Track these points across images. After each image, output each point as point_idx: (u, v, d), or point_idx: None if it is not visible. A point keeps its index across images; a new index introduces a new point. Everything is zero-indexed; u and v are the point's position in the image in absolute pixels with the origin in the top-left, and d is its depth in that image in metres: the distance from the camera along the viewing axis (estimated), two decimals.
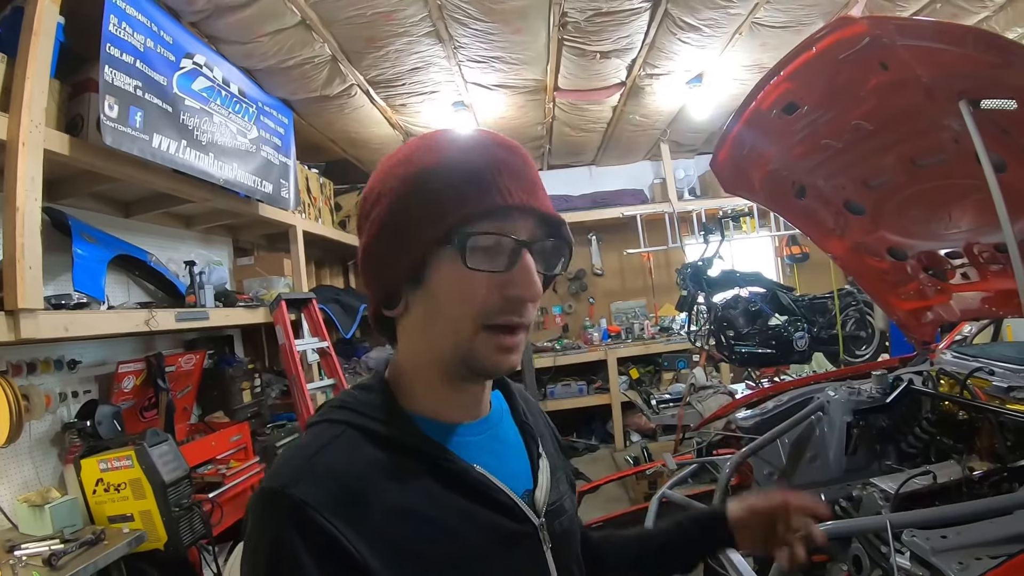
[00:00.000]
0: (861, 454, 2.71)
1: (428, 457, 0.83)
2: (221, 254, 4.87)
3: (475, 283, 0.80)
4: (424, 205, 0.81)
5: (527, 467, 0.96)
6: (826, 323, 5.20)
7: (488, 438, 0.93)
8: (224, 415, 4.23)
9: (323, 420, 0.86)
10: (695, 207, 7.29)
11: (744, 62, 4.79)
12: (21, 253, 2.37)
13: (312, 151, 5.81)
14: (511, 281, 0.81)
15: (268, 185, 4.12)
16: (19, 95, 2.43)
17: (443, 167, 0.82)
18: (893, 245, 2.71)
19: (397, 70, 4.40)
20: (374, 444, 0.82)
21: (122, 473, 2.84)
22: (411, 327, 0.87)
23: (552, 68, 4.64)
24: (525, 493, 0.91)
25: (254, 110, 4.00)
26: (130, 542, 2.68)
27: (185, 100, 3.25)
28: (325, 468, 0.77)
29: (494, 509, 0.85)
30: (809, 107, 2.10)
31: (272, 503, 0.75)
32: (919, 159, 2.13)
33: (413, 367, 0.89)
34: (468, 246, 0.79)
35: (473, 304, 0.80)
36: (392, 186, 0.84)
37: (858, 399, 2.74)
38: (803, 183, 2.67)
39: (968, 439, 2.42)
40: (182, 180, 3.40)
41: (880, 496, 2.14)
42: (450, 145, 0.85)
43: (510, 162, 0.83)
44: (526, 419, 1.02)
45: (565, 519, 0.97)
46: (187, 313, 3.54)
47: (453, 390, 0.89)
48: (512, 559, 0.85)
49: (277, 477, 0.77)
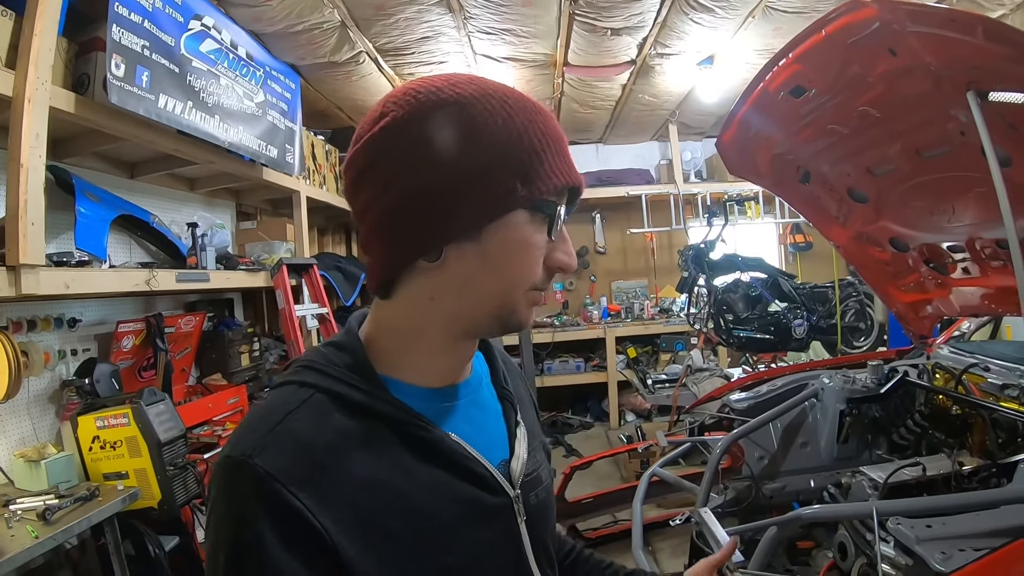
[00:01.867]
0: (852, 443, 2.74)
1: (401, 424, 0.78)
2: (224, 217, 4.87)
3: (539, 250, 0.80)
4: (517, 161, 0.76)
5: (504, 435, 0.92)
6: (826, 312, 5.20)
7: (466, 403, 0.89)
8: (222, 378, 4.26)
9: (290, 382, 0.80)
10: (700, 190, 7.26)
11: (756, 46, 4.73)
12: (24, 209, 2.37)
13: (318, 118, 5.78)
14: (558, 250, 0.82)
15: (273, 149, 4.11)
16: (26, 52, 2.41)
17: (524, 128, 0.77)
18: (895, 236, 2.70)
19: (406, 39, 4.36)
20: (344, 410, 0.77)
21: (118, 431, 2.87)
22: (441, 283, 0.80)
23: (562, 43, 4.59)
24: (501, 463, 0.88)
25: (261, 74, 3.97)
26: (124, 499, 2.70)
27: (192, 62, 3.23)
28: (291, 436, 0.73)
29: (468, 480, 0.81)
30: (817, 91, 2.09)
31: (235, 474, 0.71)
32: (924, 149, 2.12)
33: (413, 324, 0.83)
34: (557, 215, 0.80)
35: (531, 270, 0.80)
36: (471, 122, 0.76)
37: (852, 388, 2.76)
38: (808, 168, 2.66)
39: (960, 434, 2.44)
40: (187, 141, 3.39)
41: (869, 484, 2.16)
42: (525, 104, 0.80)
43: (563, 133, 0.83)
44: (506, 384, 0.98)
45: (541, 490, 0.93)
46: (187, 274, 3.56)
47: (450, 350, 0.85)
48: (485, 533, 0.82)
49: (240, 444, 0.72)
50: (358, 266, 6.48)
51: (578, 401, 7.49)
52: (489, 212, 0.76)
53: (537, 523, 0.90)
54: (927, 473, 2.12)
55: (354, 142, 0.82)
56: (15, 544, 2.23)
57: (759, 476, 2.76)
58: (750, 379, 3.44)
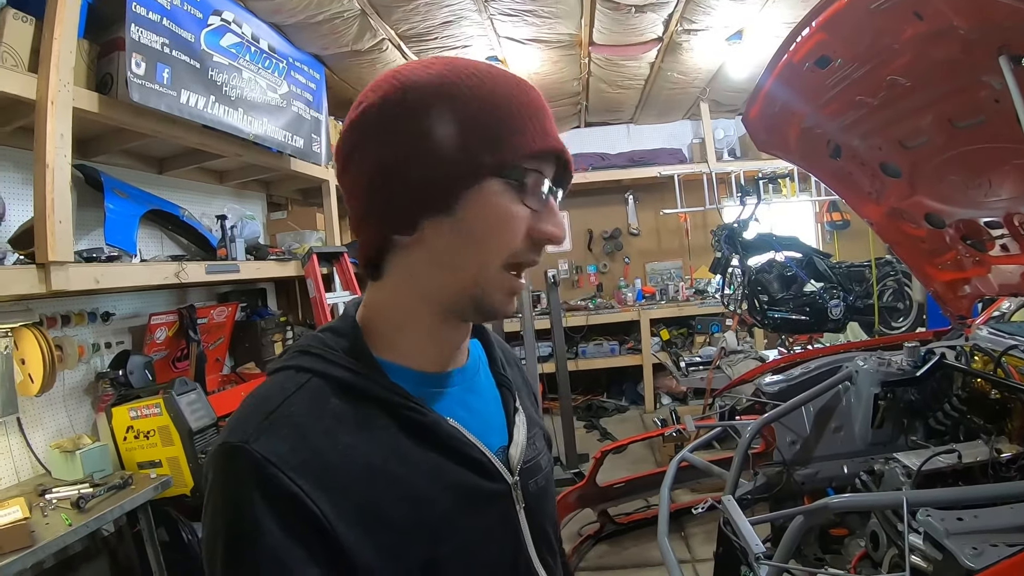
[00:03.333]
0: (887, 428, 2.65)
1: (398, 408, 0.78)
2: (254, 208, 4.93)
3: (517, 219, 0.78)
4: (484, 128, 0.76)
5: (503, 422, 0.92)
6: (863, 292, 5.04)
7: (463, 389, 0.89)
8: (256, 366, 4.32)
9: (288, 367, 0.80)
10: (734, 168, 7.11)
11: (786, 18, 4.59)
12: (51, 208, 2.44)
13: (345, 107, 5.67)
14: (542, 220, 0.79)
15: (299, 140, 4.14)
16: (47, 56, 2.48)
17: (497, 98, 0.77)
18: (930, 211, 2.60)
19: (428, 24, 4.33)
20: (340, 394, 0.77)
21: (151, 420, 2.94)
22: (420, 259, 0.80)
23: (586, 22, 4.51)
24: (499, 450, 0.87)
25: (284, 65, 3.99)
26: (156, 487, 2.78)
27: (213, 56, 3.26)
28: (289, 421, 0.73)
29: (466, 466, 0.81)
30: (842, 60, 2.00)
31: (231, 459, 0.70)
32: (957, 119, 2.02)
33: (398, 303, 0.83)
34: (527, 182, 0.78)
35: (509, 240, 0.78)
36: (438, 96, 0.77)
37: (888, 370, 2.66)
38: (838, 142, 2.57)
39: (999, 419, 2.34)
40: (212, 135, 3.43)
41: (902, 472, 2.09)
42: (495, 75, 0.80)
43: (546, 106, 0.82)
44: (504, 370, 0.98)
45: (540, 478, 0.93)
46: (217, 266, 3.61)
47: (438, 333, 0.84)
48: (483, 519, 0.81)
49: (237, 431, 0.72)
50: None
51: (613, 384, 7.46)
52: (457, 182, 0.76)
53: (536, 510, 0.89)
54: (963, 460, 2.04)
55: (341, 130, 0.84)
56: (49, 532, 2.31)
57: (791, 461, 2.69)
58: (783, 361, 3.36)
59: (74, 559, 2.77)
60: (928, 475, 1.99)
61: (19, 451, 2.85)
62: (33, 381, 2.75)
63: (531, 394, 1.08)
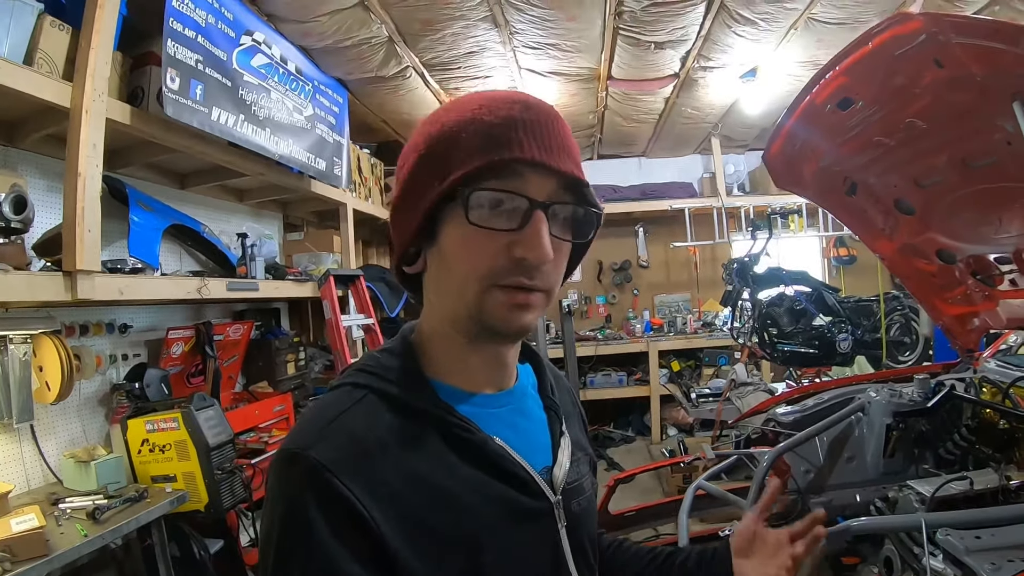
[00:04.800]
0: (899, 457, 2.68)
1: (446, 426, 0.82)
2: (271, 228, 4.99)
3: (481, 241, 0.78)
4: (436, 161, 0.80)
5: (548, 443, 0.95)
6: (870, 326, 5.09)
7: (510, 411, 0.92)
8: (268, 385, 4.34)
9: (345, 383, 0.85)
10: (744, 203, 7.21)
11: (799, 58, 4.71)
12: (81, 217, 2.44)
13: (364, 131, 5.89)
14: (518, 242, 0.77)
15: (321, 162, 4.21)
16: (83, 65, 2.49)
17: (459, 124, 0.80)
18: (942, 247, 2.66)
19: (452, 53, 4.44)
20: (394, 410, 0.82)
21: (168, 435, 2.92)
22: (429, 284, 0.88)
23: (606, 57, 4.63)
24: (544, 470, 0.90)
25: (310, 88, 4.07)
26: (172, 501, 2.74)
27: (244, 76, 3.33)
28: (345, 432, 0.78)
29: (510, 484, 0.84)
30: (864, 103, 2.07)
31: (290, 464, 0.76)
32: (971, 160, 2.09)
33: (434, 327, 0.89)
34: (471, 202, 0.77)
35: (479, 263, 0.78)
36: (416, 144, 0.84)
37: (900, 401, 2.70)
38: (854, 180, 2.63)
39: (1007, 448, 2.38)
40: (238, 154, 3.48)
41: (916, 498, 2.11)
42: (471, 103, 0.82)
43: (529, 119, 0.79)
44: (552, 395, 1.01)
45: (583, 499, 0.96)
46: (238, 283, 3.64)
47: (473, 352, 0.87)
48: (525, 535, 0.84)
49: (297, 439, 0.78)
50: None
51: (620, 415, 7.46)
52: (417, 214, 0.81)
53: (577, 529, 0.91)
54: (974, 487, 2.07)
55: None
56: (65, 541, 2.26)
57: (805, 490, 2.71)
58: (796, 392, 3.39)
59: (82, 570, 2.73)
60: (941, 501, 2.02)
61: (31, 459, 2.84)
62: (50, 389, 2.74)
63: (581, 420, 1.11)
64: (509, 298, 0.79)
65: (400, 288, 6.10)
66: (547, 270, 0.80)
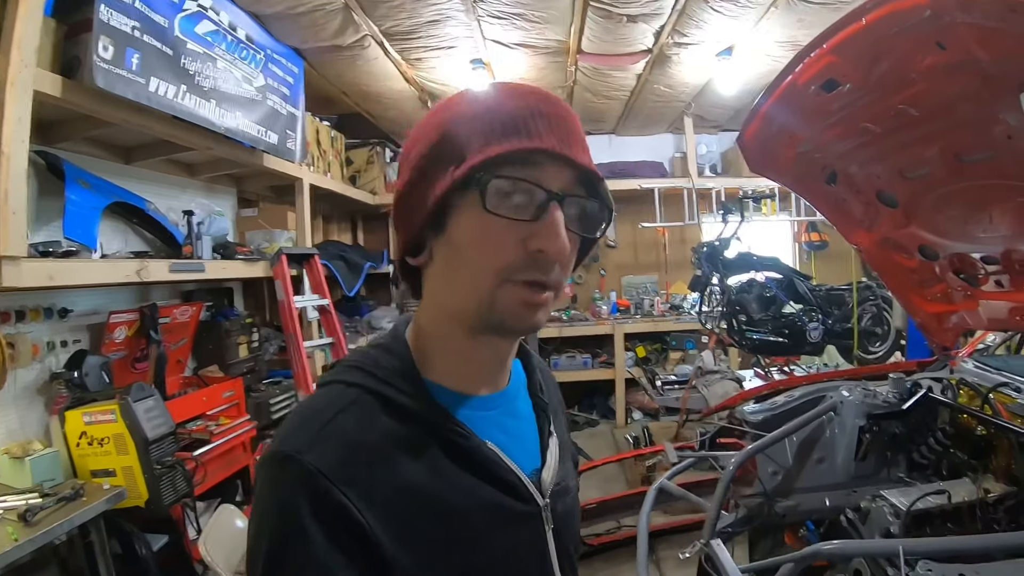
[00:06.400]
0: (871, 460, 2.59)
1: (442, 430, 0.81)
2: (224, 204, 4.76)
3: (497, 231, 0.76)
4: (451, 147, 0.78)
5: (536, 445, 0.95)
6: (841, 316, 5.02)
7: (502, 412, 0.91)
8: (219, 369, 4.16)
9: (337, 381, 0.84)
10: (715, 185, 7.08)
11: (778, 37, 4.56)
12: (5, 198, 2.27)
13: (324, 103, 5.64)
14: (535, 233, 0.76)
15: (273, 135, 3.99)
16: (9, 33, 2.31)
17: (474, 111, 0.79)
18: (925, 243, 2.54)
19: (413, 22, 4.20)
20: (389, 412, 0.80)
21: (106, 427, 2.80)
22: (434, 277, 0.85)
23: (576, 29, 4.42)
24: (533, 472, 0.90)
25: (262, 57, 3.84)
26: (109, 499, 2.64)
27: (187, 44, 3.10)
28: (339, 435, 0.76)
29: (500, 488, 0.84)
30: (852, 85, 1.91)
31: (283, 468, 0.74)
32: (965, 153, 1.95)
33: (434, 324, 0.87)
34: (489, 188, 0.74)
35: (495, 254, 0.77)
36: (425, 132, 0.82)
37: (873, 402, 2.61)
38: (835, 168, 2.49)
39: (983, 456, 2.30)
40: (182, 127, 3.27)
41: (890, 511, 2.04)
42: (487, 93, 0.81)
43: (546, 109, 0.78)
44: (541, 394, 1.00)
45: (568, 499, 0.96)
46: (182, 264, 3.46)
47: (475, 350, 0.86)
48: (514, 538, 0.85)
49: (290, 441, 0.76)
50: (363, 255, 6.36)
51: (584, 398, 7.37)
52: (439, 199, 0.77)
53: (563, 531, 0.92)
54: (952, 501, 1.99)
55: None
56: None
57: (772, 493, 2.61)
58: (766, 389, 3.30)
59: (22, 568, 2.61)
60: (916, 515, 1.94)
61: None
62: None
63: (565, 415, 1.11)
64: (523, 296, 0.78)
65: (360, 266, 5.97)
66: (560, 266, 0.79)
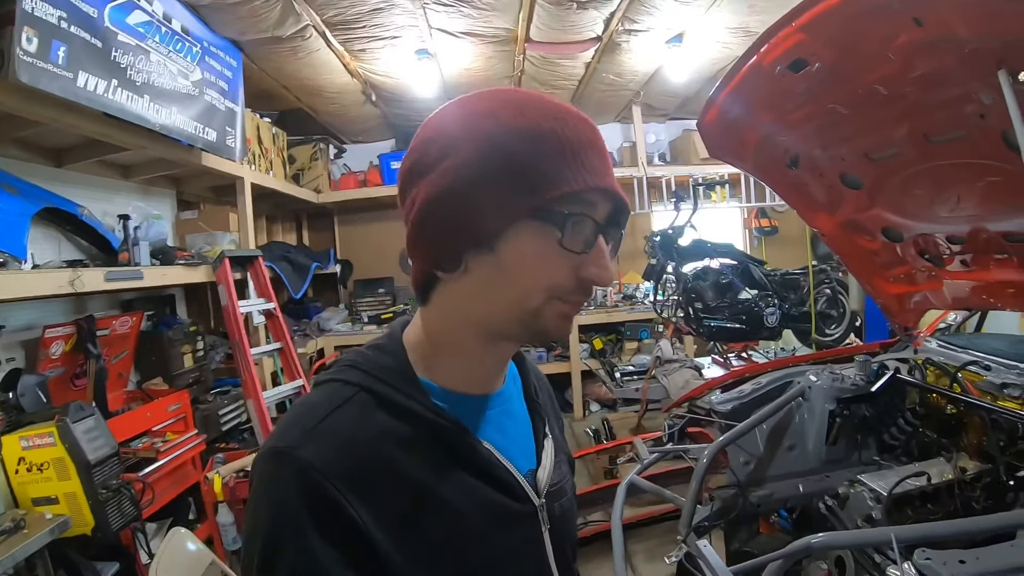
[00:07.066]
0: (841, 444, 2.58)
1: (438, 429, 0.82)
2: (162, 207, 4.55)
3: (557, 261, 0.77)
4: (517, 171, 0.76)
5: (532, 446, 0.96)
6: (797, 300, 5.08)
7: (498, 413, 0.92)
8: (163, 381, 3.97)
9: (333, 379, 0.85)
10: (664, 173, 7.08)
11: (730, 24, 4.53)
12: None
13: (264, 99, 5.42)
14: (587, 263, 0.78)
15: (212, 132, 3.79)
16: None
17: (540, 131, 0.77)
18: (889, 225, 2.52)
19: (356, 10, 4.03)
20: (385, 410, 0.81)
21: (44, 452, 2.62)
22: (466, 288, 0.82)
23: (525, 17, 4.31)
24: (528, 472, 0.91)
25: (198, 50, 3.64)
26: (53, 529, 2.48)
27: (118, 35, 2.91)
28: (335, 432, 0.77)
29: (496, 488, 0.85)
30: (821, 65, 1.85)
31: (277, 464, 0.75)
32: (935, 134, 1.92)
33: (449, 328, 0.86)
34: (567, 225, 0.76)
35: (550, 280, 0.78)
36: (475, 139, 0.78)
37: (841, 386, 2.60)
38: (797, 152, 2.45)
39: (954, 435, 2.31)
40: (114, 125, 3.08)
41: (870, 496, 2.03)
42: (542, 109, 0.79)
43: (595, 141, 0.80)
44: (536, 396, 1.01)
45: (565, 501, 0.97)
46: (119, 272, 3.25)
47: (482, 356, 0.87)
48: (510, 538, 0.85)
49: (285, 437, 0.77)
50: (309, 256, 6.19)
51: None
52: (494, 222, 0.76)
53: (559, 531, 0.93)
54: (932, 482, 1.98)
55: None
56: None
57: (745, 483, 2.58)
58: (731, 377, 3.27)
59: None
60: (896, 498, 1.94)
61: None
62: None
63: (559, 419, 1.10)
64: (564, 310, 0.81)
65: (306, 267, 5.79)
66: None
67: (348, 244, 7.57)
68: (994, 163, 1.85)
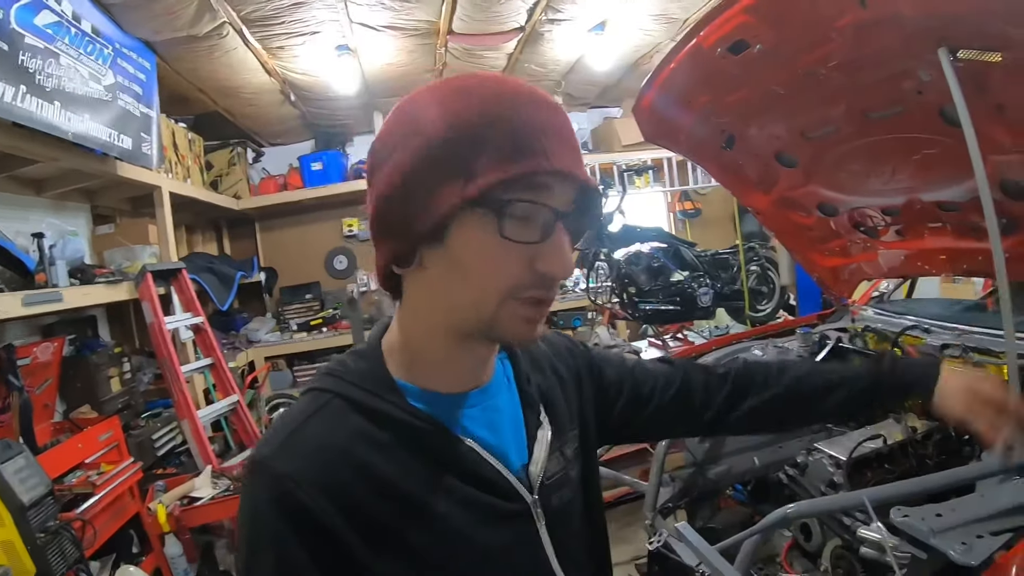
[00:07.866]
0: None
1: (415, 431, 0.80)
2: (77, 223, 4.31)
3: (506, 254, 0.74)
4: (458, 157, 0.73)
5: (524, 439, 0.91)
6: (728, 279, 5.23)
7: (484, 409, 0.88)
8: (91, 409, 3.74)
9: (313, 388, 0.84)
10: (588, 161, 7.10)
11: (652, 11, 4.59)
12: None
13: (179, 103, 5.18)
14: (542, 255, 0.75)
15: (127, 139, 3.61)
16: None
17: (482, 117, 0.73)
18: (824, 200, 2.60)
19: (275, 5, 3.89)
20: (359, 414, 0.80)
21: None
22: (426, 284, 0.81)
23: (447, 9, 4.25)
24: (521, 467, 0.88)
25: (110, 52, 3.45)
26: None
27: (25, 37, 2.73)
28: (308, 440, 0.77)
29: (482, 487, 0.83)
30: (762, 46, 1.89)
31: (252, 474, 0.76)
32: (873, 110, 1.98)
33: (418, 329, 0.85)
34: (506, 214, 0.73)
35: (502, 276, 0.75)
36: (420, 130, 0.75)
37: (787, 358, 2.67)
38: (733, 133, 2.50)
39: None
40: (21, 135, 2.89)
41: (830, 463, 2.07)
42: (490, 94, 0.76)
43: (554, 122, 0.76)
44: (528, 384, 0.96)
45: (566, 491, 0.93)
46: (37, 295, 3.06)
47: (456, 355, 0.85)
48: (499, 538, 0.83)
49: (262, 447, 0.79)
50: (233, 265, 5.99)
51: None
52: (439, 213, 0.74)
53: (560, 527, 0.89)
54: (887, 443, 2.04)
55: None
56: None
57: (703, 461, 2.63)
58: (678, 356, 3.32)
59: None
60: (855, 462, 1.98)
61: None
62: None
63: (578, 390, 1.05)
64: (524, 313, 0.78)
65: (231, 277, 5.59)
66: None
67: (271, 250, 7.34)
68: (931, 136, 1.92)
